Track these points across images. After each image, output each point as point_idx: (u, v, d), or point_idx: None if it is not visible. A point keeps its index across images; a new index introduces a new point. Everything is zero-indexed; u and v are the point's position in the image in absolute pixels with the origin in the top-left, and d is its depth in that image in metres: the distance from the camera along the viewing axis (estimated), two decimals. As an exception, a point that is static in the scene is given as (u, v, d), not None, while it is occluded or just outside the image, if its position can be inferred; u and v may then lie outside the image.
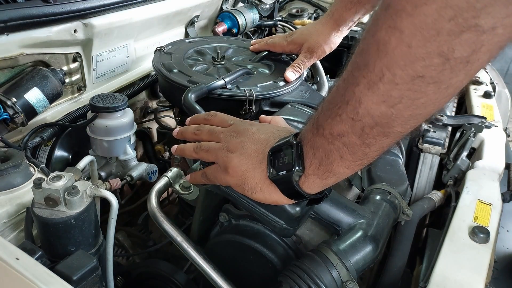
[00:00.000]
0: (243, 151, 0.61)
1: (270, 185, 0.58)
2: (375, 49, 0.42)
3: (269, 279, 0.73)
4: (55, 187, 0.68)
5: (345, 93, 0.47)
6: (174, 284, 0.92)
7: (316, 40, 1.10)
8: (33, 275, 0.56)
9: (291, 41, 1.15)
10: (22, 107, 0.93)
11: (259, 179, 0.60)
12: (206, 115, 0.74)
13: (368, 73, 0.43)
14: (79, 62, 1.14)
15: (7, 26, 0.90)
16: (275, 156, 0.58)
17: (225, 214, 0.81)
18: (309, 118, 0.57)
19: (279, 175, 0.56)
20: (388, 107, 0.44)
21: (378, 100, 0.44)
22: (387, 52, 0.41)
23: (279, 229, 0.69)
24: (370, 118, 0.46)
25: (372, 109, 0.45)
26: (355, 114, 0.46)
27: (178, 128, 0.76)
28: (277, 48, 1.18)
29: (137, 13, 1.24)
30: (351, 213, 0.73)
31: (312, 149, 0.54)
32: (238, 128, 0.65)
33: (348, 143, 0.49)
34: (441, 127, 1.15)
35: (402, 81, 0.41)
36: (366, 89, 0.44)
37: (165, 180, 0.85)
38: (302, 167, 0.55)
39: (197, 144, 0.68)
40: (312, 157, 0.54)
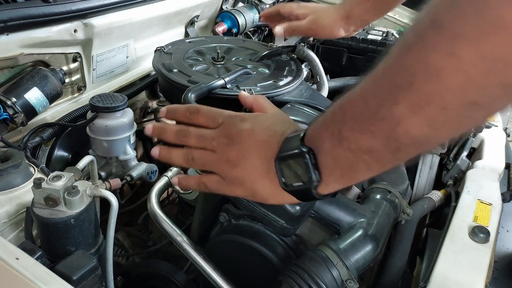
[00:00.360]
0: (246, 162, 0.57)
1: (284, 193, 0.55)
2: (424, 72, 0.38)
3: (269, 279, 0.73)
4: (55, 187, 0.68)
5: (379, 110, 0.43)
6: (174, 284, 0.92)
7: (323, 17, 1.09)
8: (33, 275, 0.56)
9: (303, 5, 1.14)
10: (22, 107, 0.93)
11: (270, 189, 0.56)
12: (187, 111, 0.65)
13: (412, 95, 0.40)
14: (79, 62, 1.14)
15: (7, 26, 0.90)
16: (284, 166, 0.54)
17: (225, 214, 0.81)
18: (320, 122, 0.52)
19: (294, 186, 0.53)
20: (432, 129, 0.41)
21: (422, 123, 0.40)
22: (440, 78, 0.37)
23: (279, 229, 0.69)
24: (408, 139, 0.43)
25: (413, 130, 0.41)
26: (391, 133, 0.43)
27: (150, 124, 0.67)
28: (287, 8, 1.16)
29: (137, 13, 1.24)
30: (351, 212, 0.73)
31: (333, 160, 0.50)
32: (230, 132, 0.59)
33: (378, 157, 0.46)
34: (441, 127, 1.15)
35: (452, 107, 0.38)
36: (408, 110, 0.40)
37: (165, 180, 0.85)
38: (319, 178, 0.51)
39: (187, 153, 0.62)
40: (333, 167, 0.51)
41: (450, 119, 0.40)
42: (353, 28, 1.09)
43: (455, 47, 0.35)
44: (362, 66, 1.59)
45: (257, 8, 1.79)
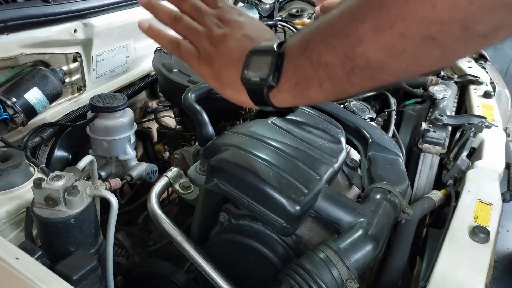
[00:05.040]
0: (225, 45, 0.58)
1: (241, 86, 0.56)
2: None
3: (269, 279, 0.73)
4: (55, 187, 0.68)
5: (347, 25, 0.44)
6: (174, 284, 0.92)
7: None
8: (33, 274, 0.56)
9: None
10: (22, 107, 0.93)
11: (232, 77, 0.57)
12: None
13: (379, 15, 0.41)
14: (79, 62, 1.14)
15: (7, 26, 0.90)
16: (253, 59, 0.54)
17: (225, 214, 0.81)
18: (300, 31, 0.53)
19: (251, 80, 0.54)
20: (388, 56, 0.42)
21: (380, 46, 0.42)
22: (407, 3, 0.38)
23: (279, 228, 0.69)
24: (364, 60, 0.43)
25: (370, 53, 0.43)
26: (350, 52, 0.44)
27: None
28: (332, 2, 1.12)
29: (137, 13, 1.24)
30: (351, 212, 0.73)
31: (293, 67, 0.51)
32: (225, 16, 0.60)
33: (332, 75, 0.47)
34: (441, 127, 1.15)
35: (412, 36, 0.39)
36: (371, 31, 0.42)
37: (165, 180, 0.85)
38: (276, 80, 0.52)
39: (176, 13, 0.62)
40: (290, 75, 0.51)
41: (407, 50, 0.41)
42: None
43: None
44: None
45: (257, 8, 1.80)
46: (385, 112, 1.31)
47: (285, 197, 0.66)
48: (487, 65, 1.62)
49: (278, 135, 0.82)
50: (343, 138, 0.89)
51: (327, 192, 0.73)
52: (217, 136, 0.84)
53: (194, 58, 0.60)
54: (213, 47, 0.58)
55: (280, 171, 0.71)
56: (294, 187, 0.69)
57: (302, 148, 0.80)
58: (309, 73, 0.49)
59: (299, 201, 0.66)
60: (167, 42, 0.63)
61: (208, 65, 0.59)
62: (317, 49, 0.48)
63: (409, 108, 1.39)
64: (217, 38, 0.58)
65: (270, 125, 0.85)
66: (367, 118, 1.23)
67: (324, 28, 0.48)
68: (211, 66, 0.59)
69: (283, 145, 0.78)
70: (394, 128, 1.25)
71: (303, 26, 1.17)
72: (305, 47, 0.49)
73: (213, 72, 0.59)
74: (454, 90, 1.36)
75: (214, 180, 0.72)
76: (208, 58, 0.59)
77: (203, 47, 0.59)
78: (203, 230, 0.84)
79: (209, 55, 0.59)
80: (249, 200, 0.69)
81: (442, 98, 1.27)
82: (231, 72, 0.57)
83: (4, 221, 0.73)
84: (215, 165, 0.72)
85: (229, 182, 0.71)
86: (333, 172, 0.78)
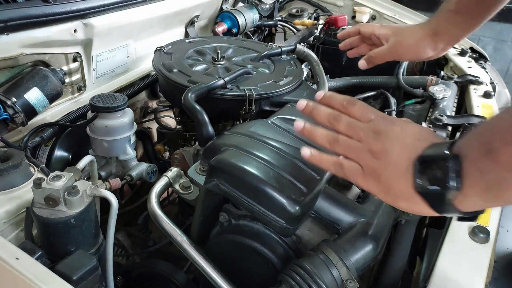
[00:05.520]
0: (387, 158, 0.56)
1: (416, 196, 0.53)
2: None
3: (269, 279, 0.73)
4: (55, 187, 0.68)
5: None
6: (174, 284, 0.92)
7: (406, 37, 1.01)
8: (33, 274, 0.56)
9: (385, 26, 1.08)
10: (22, 107, 0.93)
11: (404, 189, 0.54)
12: (345, 101, 0.64)
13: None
14: (79, 62, 1.14)
15: (7, 26, 0.90)
16: (424, 166, 0.51)
17: (225, 214, 0.81)
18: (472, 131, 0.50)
19: (429, 189, 0.51)
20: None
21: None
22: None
23: (279, 228, 0.69)
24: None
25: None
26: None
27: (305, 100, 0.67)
28: (368, 28, 1.09)
29: (137, 13, 1.24)
30: (352, 212, 0.73)
31: (479, 171, 0.47)
32: (379, 128, 0.59)
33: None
34: (441, 127, 1.15)
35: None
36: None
37: (165, 180, 0.85)
38: (459, 186, 0.48)
39: (333, 135, 0.63)
40: (477, 179, 0.47)
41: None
42: (441, 46, 0.99)
43: None
44: (362, 66, 1.59)
45: (257, 8, 1.80)
46: (385, 112, 1.31)
47: (285, 197, 0.66)
48: (487, 65, 1.62)
49: (278, 135, 0.82)
50: (343, 138, 0.89)
51: (327, 192, 0.73)
52: (217, 136, 0.84)
53: (359, 175, 0.59)
54: (376, 161, 0.57)
55: (280, 171, 0.71)
56: (294, 187, 0.69)
57: (302, 148, 0.80)
58: (500, 176, 0.45)
59: (299, 201, 0.67)
60: (330, 164, 0.63)
61: (375, 180, 0.58)
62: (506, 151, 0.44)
63: (409, 108, 1.39)
64: (377, 151, 0.57)
65: (270, 125, 0.85)
66: (367, 118, 1.23)
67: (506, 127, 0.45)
68: (378, 180, 0.57)
69: (283, 145, 0.78)
70: (394, 128, 1.25)
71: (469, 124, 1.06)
72: (488, 149, 0.46)
73: (382, 186, 0.57)
74: (454, 90, 1.36)
75: (214, 180, 0.72)
76: (373, 173, 0.58)
77: (366, 163, 0.58)
78: (203, 230, 0.84)
79: (373, 170, 0.57)
80: (249, 200, 0.69)
81: (442, 98, 1.27)
82: (401, 184, 0.55)
83: (4, 221, 0.73)
84: (215, 165, 0.72)
85: (229, 182, 0.71)
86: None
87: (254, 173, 0.69)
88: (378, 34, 1.05)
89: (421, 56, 1.01)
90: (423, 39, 0.98)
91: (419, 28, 1.01)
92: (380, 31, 1.05)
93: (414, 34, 1.00)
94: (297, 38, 1.70)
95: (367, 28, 1.09)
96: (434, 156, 0.51)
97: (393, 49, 1.01)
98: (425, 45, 0.99)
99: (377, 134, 0.58)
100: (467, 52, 1.65)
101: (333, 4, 2.09)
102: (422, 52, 1.00)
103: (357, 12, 1.98)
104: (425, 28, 0.99)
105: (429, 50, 0.99)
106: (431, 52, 0.99)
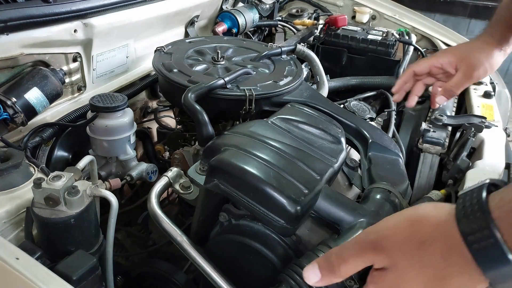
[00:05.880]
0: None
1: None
2: None
3: (269, 279, 0.73)
4: (55, 186, 0.68)
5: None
6: (174, 284, 0.92)
7: (478, 58, 0.97)
8: (33, 274, 0.56)
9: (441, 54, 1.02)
10: (22, 107, 0.93)
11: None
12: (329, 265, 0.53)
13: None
14: (79, 62, 1.14)
15: (7, 26, 0.90)
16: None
17: (225, 214, 0.81)
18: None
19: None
20: None
21: None
22: None
23: (279, 228, 0.69)
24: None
25: None
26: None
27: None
28: (424, 65, 1.03)
29: (137, 13, 1.24)
30: (352, 212, 0.73)
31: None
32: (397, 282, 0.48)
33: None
34: (441, 127, 1.15)
35: None
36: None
37: (165, 180, 0.85)
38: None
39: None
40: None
41: None
42: (509, 50, 0.99)
43: None
44: (362, 66, 1.59)
45: (257, 8, 1.80)
46: (385, 112, 1.31)
47: (285, 197, 0.66)
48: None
49: (278, 135, 0.82)
50: (343, 138, 0.89)
51: (327, 192, 0.73)
52: (217, 136, 0.84)
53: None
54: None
55: (280, 171, 0.71)
56: (294, 187, 0.69)
57: (302, 148, 0.80)
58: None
59: (299, 201, 0.66)
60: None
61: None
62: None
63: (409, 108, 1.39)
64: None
65: (270, 125, 0.85)
66: (367, 118, 1.23)
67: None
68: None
69: (283, 145, 0.78)
70: (394, 128, 1.26)
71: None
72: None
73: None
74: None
75: (214, 180, 0.72)
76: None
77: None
78: (203, 230, 0.84)
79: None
80: (249, 200, 0.69)
81: (442, 98, 1.27)
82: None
83: (4, 221, 0.73)
84: (215, 165, 0.72)
85: (229, 182, 0.71)
86: (333, 172, 0.78)
87: (254, 173, 0.69)
88: (441, 64, 1.01)
89: (495, 68, 0.99)
90: (493, 52, 0.98)
91: (482, 43, 0.99)
92: (442, 61, 1.01)
93: (483, 51, 0.98)
94: (297, 38, 1.70)
95: (423, 65, 1.04)
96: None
97: (469, 74, 0.98)
98: (497, 56, 0.98)
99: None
100: (467, 52, 1.65)
101: (333, 4, 2.09)
102: (496, 65, 0.99)
103: (357, 12, 1.98)
104: (489, 41, 0.98)
105: (501, 59, 0.99)
106: (502, 59, 0.99)
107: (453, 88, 0.99)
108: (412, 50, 1.60)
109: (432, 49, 1.78)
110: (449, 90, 0.99)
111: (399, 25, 1.90)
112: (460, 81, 0.98)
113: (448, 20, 3.62)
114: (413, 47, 1.61)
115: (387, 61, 1.55)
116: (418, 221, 0.47)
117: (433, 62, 1.02)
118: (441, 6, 3.70)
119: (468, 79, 0.98)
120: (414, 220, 0.47)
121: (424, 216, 0.47)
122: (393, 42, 1.56)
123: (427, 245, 0.45)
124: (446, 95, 1.00)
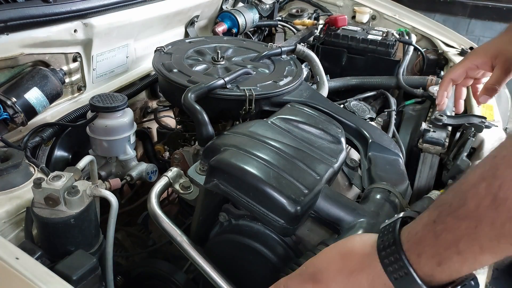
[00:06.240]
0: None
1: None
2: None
3: (269, 279, 0.73)
4: (55, 186, 0.68)
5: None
6: (174, 284, 0.92)
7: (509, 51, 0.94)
8: (33, 274, 0.56)
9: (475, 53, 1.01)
10: (22, 107, 0.93)
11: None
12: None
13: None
14: (79, 62, 1.14)
15: (7, 26, 0.90)
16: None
17: (225, 214, 0.81)
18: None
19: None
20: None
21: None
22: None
23: (279, 228, 0.69)
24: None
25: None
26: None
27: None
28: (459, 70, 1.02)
29: (137, 13, 1.24)
30: (351, 212, 0.73)
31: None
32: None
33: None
34: (441, 127, 1.15)
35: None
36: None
37: (165, 180, 0.85)
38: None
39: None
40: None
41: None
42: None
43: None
44: (361, 66, 1.59)
45: (257, 8, 1.80)
46: (385, 112, 1.31)
47: (285, 197, 0.66)
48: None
49: (278, 135, 0.82)
50: (343, 138, 0.89)
51: (327, 192, 0.73)
52: (217, 136, 0.84)
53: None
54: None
55: (280, 171, 0.71)
56: (294, 187, 0.69)
57: (302, 148, 0.80)
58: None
59: (299, 201, 0.66)
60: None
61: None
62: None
63: (409, 108, 1.39)
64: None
65: (270, 125, 0.85)
66: (367, 118, 1.23)
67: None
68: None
69: (283, 145, 0.78)
70: (394, 128, 1.26)
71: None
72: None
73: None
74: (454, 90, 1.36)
75: (214, 180, 0.72)
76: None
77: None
78: (203, 230, 0.84)
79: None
80: (249, 200, 0.69)
81: (442, 98, 1.27)
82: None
83: (4, 221, 0.73)
84: (215, 165, 0.72)
85: (229, 182, 0.71)
86: (333, 172, 0.78)
87: (254, 173, 0.69)
88: (477, 64, 1.00)
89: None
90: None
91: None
92: (476, 62, 1.00)
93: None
94: (297, 38, 1.70)
95: (459, 71, 1.03)
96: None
97: (508, 69, 0.96)
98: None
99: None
100: (467, 52, 1.65)
101: (333, 4, 2.09)
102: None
103: (357, 12, 1.98)
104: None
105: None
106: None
107: (495, 86, 0.98)
108: (412, 50, 1.60)
109: (432, 49, 1.78)
110: (491, 88, 0.98)
111: (399, 25, 1.90)
112: (500, 77, 0.97)
113: (448, 20, 3.63)
114: (413, 47, 1.61)
115: (387, 61, 1.55)
116: (347, 253, 0.54)
117: (468, 65, 1.02)
118: (441, 6, 3.70)
119: (507, 74, 0.97)
120: (344, 253, 0.55)
121: (352, 248, 0.54)
122: (393, 42, 1.56)
123: (355, 275, 0.52)
124: (488, 94, 0.99)
